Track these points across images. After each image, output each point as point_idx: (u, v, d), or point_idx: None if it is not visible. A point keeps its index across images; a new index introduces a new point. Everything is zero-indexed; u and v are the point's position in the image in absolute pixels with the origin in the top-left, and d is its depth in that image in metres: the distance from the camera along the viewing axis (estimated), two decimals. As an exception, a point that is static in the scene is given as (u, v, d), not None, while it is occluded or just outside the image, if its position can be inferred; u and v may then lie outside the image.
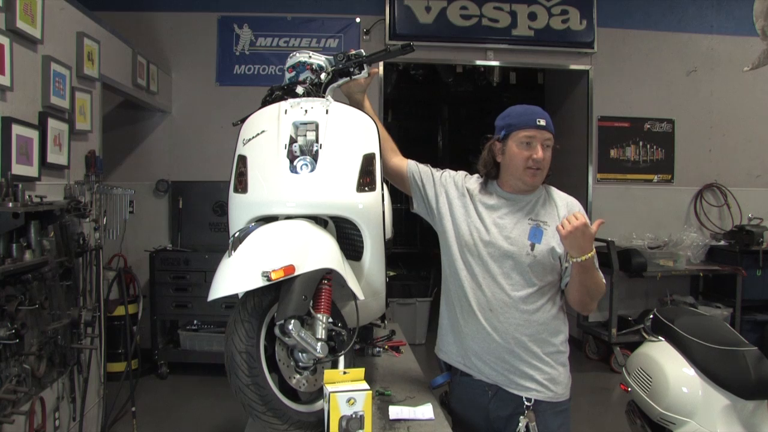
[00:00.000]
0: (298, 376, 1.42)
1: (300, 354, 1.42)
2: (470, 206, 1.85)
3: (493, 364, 1.79)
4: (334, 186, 1.55)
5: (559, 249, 1.75)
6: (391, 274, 1.90)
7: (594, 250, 1.65)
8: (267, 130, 1.62)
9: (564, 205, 1.84)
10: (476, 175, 1.93)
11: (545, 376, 1.77)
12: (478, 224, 1.82)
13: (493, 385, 1.80)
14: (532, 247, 1.75)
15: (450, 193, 1.88)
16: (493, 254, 1.78)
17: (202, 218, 4.82)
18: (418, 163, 1.95)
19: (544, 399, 1.77)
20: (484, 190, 1.88)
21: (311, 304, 1.42)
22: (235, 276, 1.36)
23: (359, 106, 1.85)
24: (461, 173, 1.94)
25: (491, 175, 1.87)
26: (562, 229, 1.62)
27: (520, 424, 1.75)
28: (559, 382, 1.80)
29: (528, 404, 1.76)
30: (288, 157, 1.56)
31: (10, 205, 2.18)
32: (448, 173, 1.93)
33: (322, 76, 1.79)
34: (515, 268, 1.76)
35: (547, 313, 1.79)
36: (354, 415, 1.35)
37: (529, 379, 1.77)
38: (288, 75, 1.86)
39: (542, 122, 1.77)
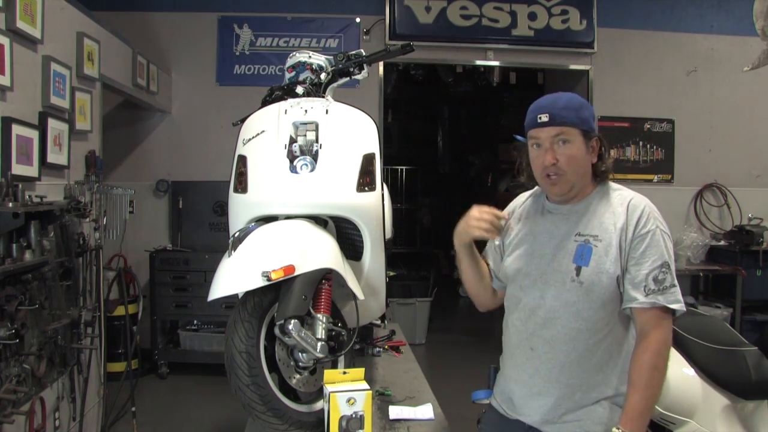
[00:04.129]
0: (298, 376, 1.42)
1: (300, 354, 1.42)
2: (514, 231, 1.60)
3: (531, 404, 1.52)
4: (334, 186, 1.55)
5: (614, 270, 1.40)
6: (391, 274, 1.90)
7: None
8: (267, 130, 1.62)
9: (623, 211, 1.44)
10: (530, 191, 1.66)
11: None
12: (519, 249, 1.56)
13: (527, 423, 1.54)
14: (578, 271, 1.43)
15: (502, 235, 1.63)
16: (536, 283, 1.50)
17: (202, 218, 4.81)
18: (490, 257, 1.70)
19: None
20: (531, 207, 1.61)
21: (311, 304, 1.42)
22: (235, 276, 1.36)
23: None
24: (515, 201, 1.68)
25: (534, 181, 1.57)
26: None
27: None
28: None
29: None
30: (288, 157, 1.56)
31: (10, 205, 2.18)
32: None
33: (322, 76, 1.79)
34: (559, 298, 1.45)
35: (604, 351, 1.46)
36: (354, 415, 1.35)
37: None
38: (288, 75, 1.87)
39: (544, 118, 1.44)
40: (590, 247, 1.43)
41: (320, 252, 1.45)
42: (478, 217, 1.51)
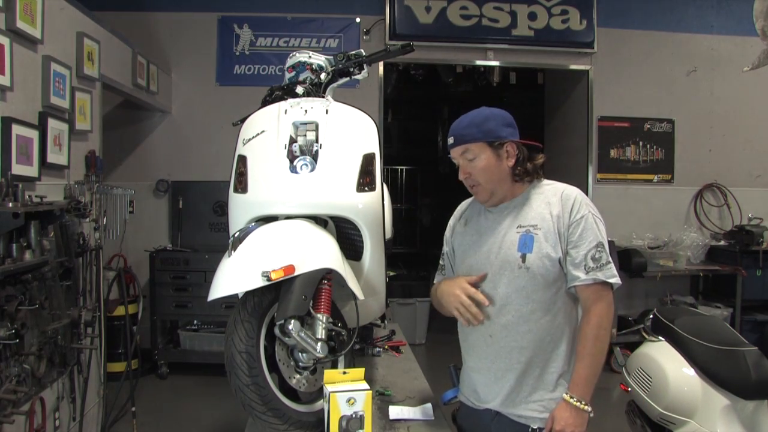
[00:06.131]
0: (298, 376, 1.42)
1: (300, 354, 1.42)
2: (462, 234, 1.76)
3: (495, 389, 1.64)
4: (334, 186, 1.55)
5: (555, 253, 1.56)
6: (391, 274, 1.90)
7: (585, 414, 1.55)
8: (267, 130, 1.62)
9: (557, 201, 1.60)
10: (470, 198, 1.83)
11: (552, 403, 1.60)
12: (469, 249, 1.70)
13: (494, 410, 1.66)
14: (523, 258, 1.56)
15: (452, 242, 1.81)
16: (488, 275, 1.63)
17: (202, 218, 4.82)
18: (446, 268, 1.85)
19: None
20: (472, 211, 1.78)
21: (311, 304, 1.42)
22: (235, 276, 1.36)
23: None
24: (458, 209, 1.86)
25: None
26: None
27: None
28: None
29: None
30: (288, 157, 1.56)
31: (10, 205, 2.18)
32: (449, 225, 1.86)
33: (322, 76, 1.79)
34: (510, 285, 1.58)
35: (557, 329, 1.59)
36: (354, 415, 1.35)
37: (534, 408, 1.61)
38: (288, 75, 1.87)
39: (450, 140, 1.65)
40: (532, 236, 1.58)
41: (320, 252, 1.45)
42: (466, 304, 1.60)
